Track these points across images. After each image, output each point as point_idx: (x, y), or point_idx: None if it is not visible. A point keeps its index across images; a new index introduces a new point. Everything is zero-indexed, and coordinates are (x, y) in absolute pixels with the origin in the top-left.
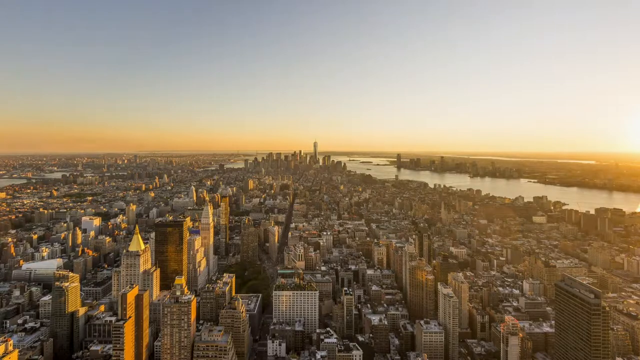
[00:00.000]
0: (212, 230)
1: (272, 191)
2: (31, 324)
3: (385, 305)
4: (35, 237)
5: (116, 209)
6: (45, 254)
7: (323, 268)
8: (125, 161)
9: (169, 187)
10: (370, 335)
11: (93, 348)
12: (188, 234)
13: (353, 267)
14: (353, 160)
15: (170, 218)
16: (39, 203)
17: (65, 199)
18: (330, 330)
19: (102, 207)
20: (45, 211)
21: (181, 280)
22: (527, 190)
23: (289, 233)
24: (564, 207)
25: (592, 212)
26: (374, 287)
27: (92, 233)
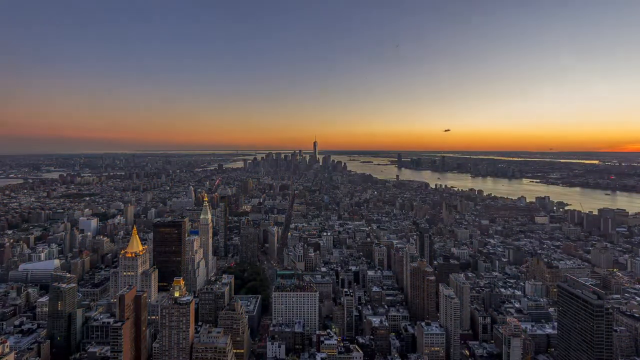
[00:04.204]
0: (211, 231)
1: (272, 191)
2: (28, 326)
3: (386, 306)
4: (32, 237)
5: (114, 210)
6: (42, 254)
7: (323, 269)
8: (123, 161)
9: (168, 187)
10: (371, 336)
11: (91, 350)
12: (187, 235)
13: (353, 268)
14: (353, 159)
15: (169, 218)
16: (36, 203)
17: (62, 199)
18: (331, 332)
19: (100, 207)
20: (43, 211)
21: (180, 281)
22: (529, 190)
23: (289, 233)
24: (566, 208)
25: (595, 212)
26: (375, 288)
27: (89, 234)
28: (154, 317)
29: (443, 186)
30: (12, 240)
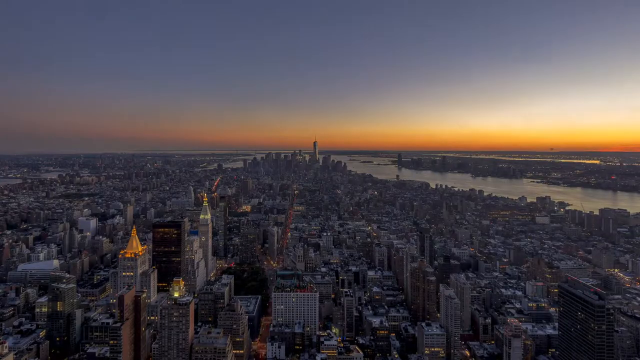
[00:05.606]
0: (210, 231)
1: (272, 191)
2: (27, 326)
3: (386, 307)
4: (31, 237)
5: (113, 210)
6: (41, 255)
7: (323, 269)
8: (123, 161)
9: (167, 187)
10: (371, 337)
11: (90, 350)
12: (186, 235)
13: (353, 268)
14: (353, 160)
15: (169, 219)
16: (35, 203)
17: (61, 199)
18: (331, 332)
19: (99, 207)
20: (42, 211)
21: (179, 282)
22: (530, 190)
23: (289, 234)
24: (567, 208)
25: (596, 212)
26: (375, 289)
27: (89, 234)
28: (153, 317)
29: (443, 186)
30: (11, 241)
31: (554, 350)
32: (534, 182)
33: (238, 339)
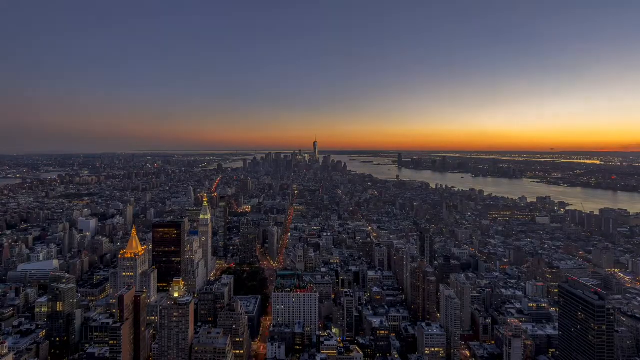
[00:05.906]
0: (210, 231)
1: (272, 191)
2: (27, 326)
3: (386, 307)
4: (31, 237)
5: (113, 210)
6: (41, 255)
7: (323, 269)
8: (123, 161)
9: (167, 187)
10: (371, 337)
11: (90, 350)
12: (186, 235)
13: (353, 269)
14: (353, 160)
15: (169, 219)
16: (34, 203)
17: (61, 199)
18: (331, 333)
19: (99, 207)
20: (41, 211)
21: (179, 282)
22: (530, 190)
23: (289, 234)
24: (567, 208)
25: (597, 212)
26: (375, 289)
27: (88, 234)
28: (153, 317)
29: (443, 186)
30: (10, 241)
31: (554, 350)
32: (534, 182)
33: (238, 339)
